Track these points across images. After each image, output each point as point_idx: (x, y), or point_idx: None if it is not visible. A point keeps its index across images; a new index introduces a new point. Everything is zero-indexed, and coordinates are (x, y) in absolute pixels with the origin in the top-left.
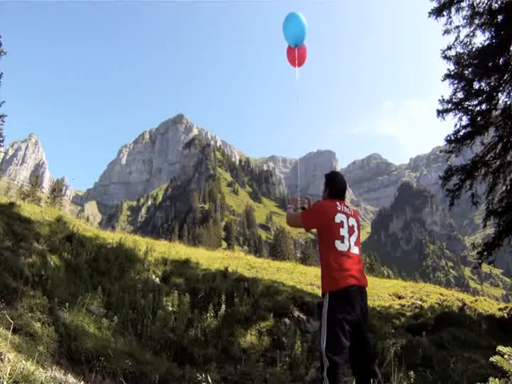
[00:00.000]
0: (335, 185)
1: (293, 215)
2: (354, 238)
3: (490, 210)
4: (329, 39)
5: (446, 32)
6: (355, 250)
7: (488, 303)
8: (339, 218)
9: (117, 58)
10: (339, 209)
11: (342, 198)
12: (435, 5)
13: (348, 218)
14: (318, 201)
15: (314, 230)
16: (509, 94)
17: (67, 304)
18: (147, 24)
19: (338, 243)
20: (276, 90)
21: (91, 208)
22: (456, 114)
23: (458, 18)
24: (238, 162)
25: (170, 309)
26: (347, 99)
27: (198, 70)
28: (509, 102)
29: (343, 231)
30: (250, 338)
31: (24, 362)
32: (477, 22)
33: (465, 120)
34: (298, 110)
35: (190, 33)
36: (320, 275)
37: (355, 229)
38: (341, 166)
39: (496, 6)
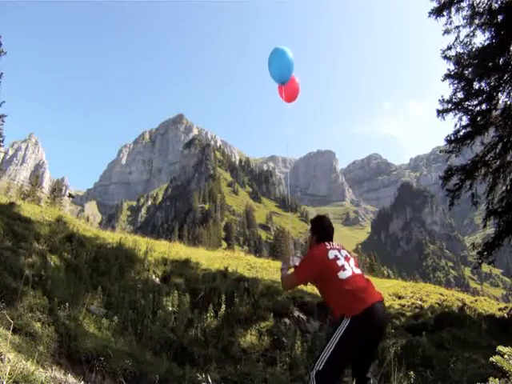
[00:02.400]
0: (323, 230)
1: (286, 276)
2: (352, 262)
3: (490, 210)
4: (329, 39)
5: (446, 32)
6: (358, 271)
7: (488, 303)
8: (332, 254)
9: (117, 58)
10: (329, 247)
11: (329, 240)
12: (435, 5)
13: (340, 251)
14: (308, 252)
15: None
16: (509, 94)
17: (67, 304)
18: (147, 24)
19: (340, 273)
20: (276, 90)
21: (91, 208)
22: (456, 114)
23: (458, 18)
24: (237, 162)
25: (170, 309)
26: (347, 99)
27: (198, 69)
28: (509, 102)
29: (340, 262)
30: (250, 338)
31: (24, 361)
32: (477, 21)
33: (465, 120)
34: (298, 110)
35: (190, 33)
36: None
37: (350, 256)
38: (341, 166)
39: (496, 5)
